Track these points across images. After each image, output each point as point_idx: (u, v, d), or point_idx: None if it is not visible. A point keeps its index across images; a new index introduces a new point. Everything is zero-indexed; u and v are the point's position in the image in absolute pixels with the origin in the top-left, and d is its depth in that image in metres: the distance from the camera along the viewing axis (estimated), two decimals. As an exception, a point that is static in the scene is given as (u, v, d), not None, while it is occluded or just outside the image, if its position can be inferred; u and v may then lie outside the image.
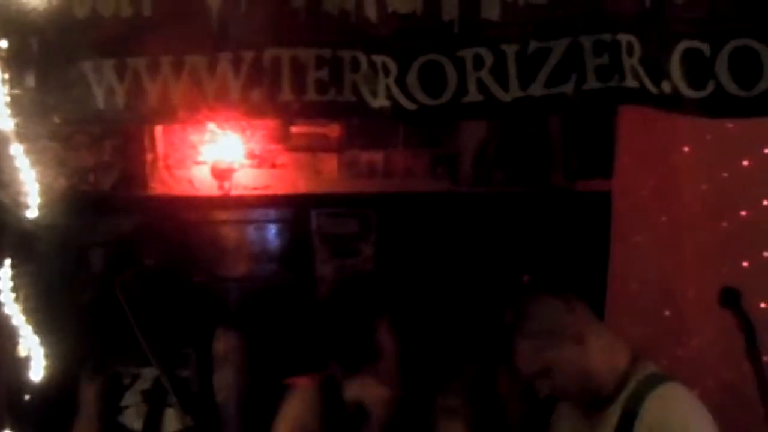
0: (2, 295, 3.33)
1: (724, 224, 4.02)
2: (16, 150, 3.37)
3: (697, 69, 2.75)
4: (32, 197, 3.41)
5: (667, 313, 4.20)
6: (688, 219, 4.15)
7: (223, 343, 3.81)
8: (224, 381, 3.80)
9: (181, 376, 3.73)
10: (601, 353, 2.98)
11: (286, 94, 3.22)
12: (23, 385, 3.38)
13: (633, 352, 3.03)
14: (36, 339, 3.40)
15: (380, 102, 3.15)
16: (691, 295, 4.10)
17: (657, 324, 4.16)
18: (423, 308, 3.57)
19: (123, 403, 3.76)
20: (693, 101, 2.80)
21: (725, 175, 4.04)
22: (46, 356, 3.43)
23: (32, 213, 3.40)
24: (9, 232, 3.35)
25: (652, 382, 2.93)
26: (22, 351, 3.37)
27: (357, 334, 3.28)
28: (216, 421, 3.74)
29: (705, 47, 2.72)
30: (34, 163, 3.43)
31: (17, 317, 3.37)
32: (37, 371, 3.40)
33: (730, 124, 3.88)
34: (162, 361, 3.60)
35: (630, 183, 4.43)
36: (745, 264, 3.89)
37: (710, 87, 2.74)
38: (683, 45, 2.75)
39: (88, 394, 3.80)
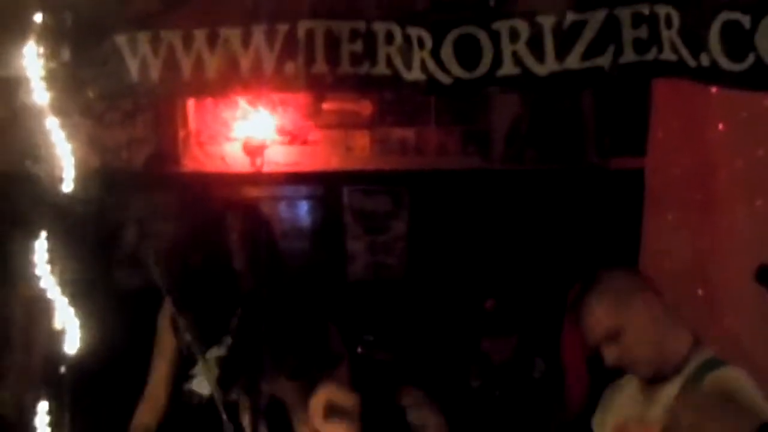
0: (38, 268, 3.34)
1: (759, 202, 3.97)
2: (52, 124, 3.37)
3: (737, 41, 2.72)
4: (67, 171, 3.41)
5: (700, 292, 4.16)
6: (722, 197, 4.11)
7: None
8: None
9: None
10: (671, 327, 2.96)
11: (320, 67, 3.21)
12: (59, 357, 3.38)
13: (694, 336, 3.01)
14: (71, 312, 3.40)
15: (414, 75, 3.13)
16: (724, 274, 4.06)
17: (690, 303, 4.12)
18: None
19: (193, 371, 3.78)
20: (732, 74, 2.77)
21: (760, 152, 3.99)
22: (82, 329, 3.44)
23: (67, 187, 3.40)
24: (44, 205, 3.35)
25: (712, 365, 2.91)
26: (57, 324, 3.38)
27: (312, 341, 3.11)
28: None
29: (745, 19, 2.69)
30: (68, 139, 3.44)
31: (53, 290, 3.37)
32: (72, 344, 3.41)
33: (766, 101, 3.83)
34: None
35: (663, 160, 4.39)
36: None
37: (750, 59, 2.71)
38: (723, 17, 2.72)
39: (166, 355, 3.82)
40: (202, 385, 3.74)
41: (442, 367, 4.90)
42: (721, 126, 4.11)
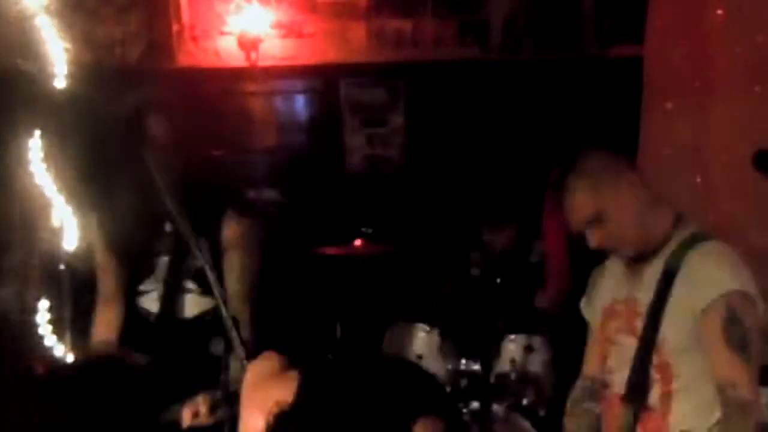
0: (34, 165, 3.33)
1: (757, 88, 3.96)
2: (43, 21, 3.34)
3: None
4: (60, 68, 3.38)
5: (698, 179, 4.17)
6: (720, 84, 4.10)
7: (232, 229, 3.71)
8: (232, 267, 3.71)
9: (196, 264, 3.66)
10: (650, 203, 2.97)
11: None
12: (57, 254, 3.40)
13: (676, 212, 3.03)
14: (69, 209, 3.41)
15: None
16: (722, 160, 4.07)
17: (688, 190, 4.14)
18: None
19: (143, 287, 3.74)
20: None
21: (759, 38, 3.96)
22: (80, 227, 3.44)
23: (60, 84, 3.38)
24: (38, 102, 3.34)
25: (695, 239, 2.93)
26: (55, 221, 3.39)
27: None
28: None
29: None
30: (60, 36, 3.40)
31: (50, 187, 3.37)
32: (70, 241, 3.42)
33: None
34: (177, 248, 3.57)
35: (662, 48, 4.35)
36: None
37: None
38: None
39: (109, 271, 3.77)
40: (152, 304, 3.72)
41: (442, 258, 4.93)
42: (720, 11, 4.07)
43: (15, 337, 3.46)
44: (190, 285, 3.54)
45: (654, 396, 2.93)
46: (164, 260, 3.61)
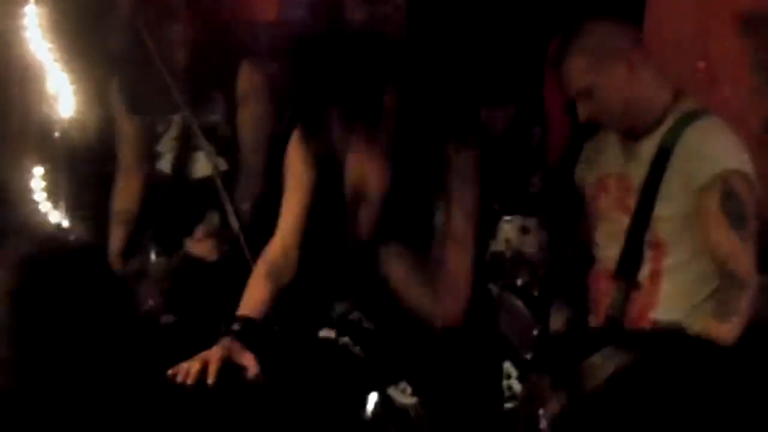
0: (29, 32, 3.31)
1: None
2: None
3: None
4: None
5: (701, 64, 4.13)
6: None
7: (248, 81, 3.67)
8: (247, 118, 3.68)
9: (209, 120, 3.65)
10: (647, 82, 2.94)
11: None
12: (53, 121, 3.39)
13: (676, 89, 3.00)
14: (64, 76, 3.39)
15: None
16: (726, 47, 4.03)
17: (691, 75, 4.11)
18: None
19: (158, 148, 3.73)
20: None
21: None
22: (75, 93, 3.43)
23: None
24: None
25: (691, 116, 2.91)
26: (50, 88, 3.37)
27: (366, 87, 2.87)
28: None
29: None
30: None
31: (45, 55, 3.35)
32: (66, 108, 3.41)
33: None
34: (189, 104, 3.55)
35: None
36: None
37: None
38: None
39: (128, 139, 3.75)
40: (164, 164, 3.71)
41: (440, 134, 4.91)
42: None
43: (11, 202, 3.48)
44: (203, 142, 3.58)
45: (644, 273, 2.95)
46: (177, 118, 3.61)
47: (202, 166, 3.65)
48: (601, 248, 3.08)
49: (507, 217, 4.46)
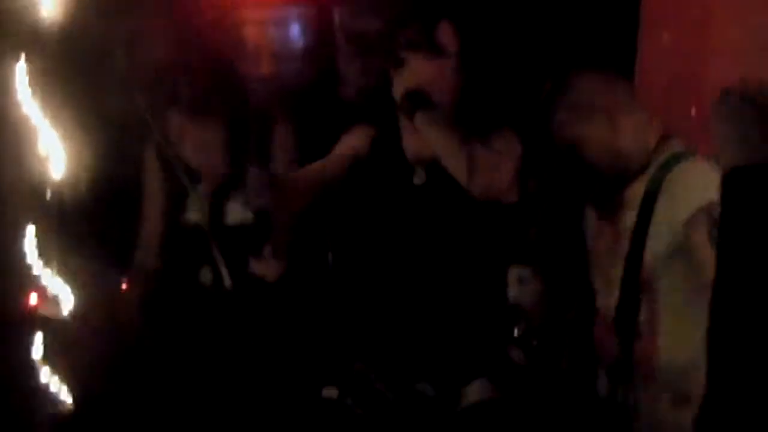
0: (20, 92, 3.31)
1: (754, 19, 3.91)
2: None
3: None
4: (47, -5, 3.35)
5: (693, 111, 4.14)
6: (719, 14, 4.05)
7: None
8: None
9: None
10: (633, 132, 2.96)
11: None
12: (45, 182, 3.39)
13: (662, 134, 3.01)
14: (56, 136, 3.39)
15: None
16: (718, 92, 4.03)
17: (683, 122, 4.11)
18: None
19: (188, 202, 3.80)
20: None
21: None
22: (67, 154, 3.43)
23: (46, 9, 3.35)
24: (21, 28, 3.31)
25: (676, 158, 2.93)
26: (42, 149, 3.37)
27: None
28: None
29: None
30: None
31: (36, 115, 3.35)
32: (58, 169, 3.41)
33: None
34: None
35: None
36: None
37: None
38: None
39: (154, 191, 3.82)
40: (193, 213, 3.77)
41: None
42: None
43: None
44: (237, 192, 3.78)
45: (642, 319, 2.95)
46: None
47: (235, 214, 3.76)
48: (600, 296, 3.09)
49: (503, 268, 4.44)
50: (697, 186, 2.86)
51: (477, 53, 3.31)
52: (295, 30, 5.64)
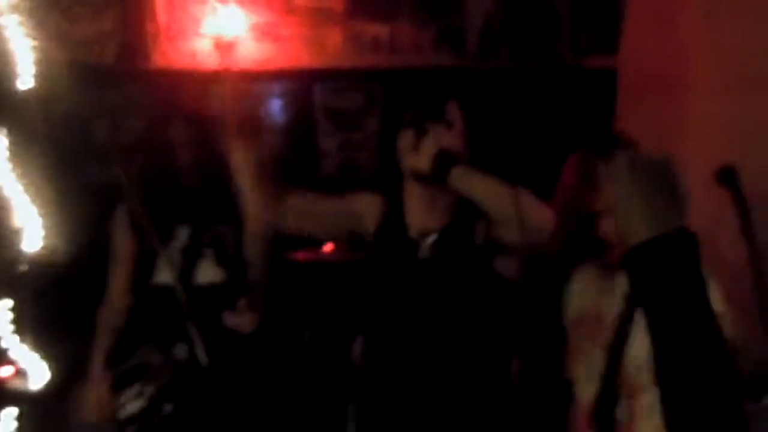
0: (-1, 164, 3.32)
1: (731, 95, 3.95)
2: (8, 20, 3.32)
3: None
4: (25, 68, 3.36)
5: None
6: (694, 91, 4.10)
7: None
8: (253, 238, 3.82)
9: (219, 232, 3.81)
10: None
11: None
12: (19, 256, 3.38)
13: None
14: (32, 210, 3.39)
15: None
16: (691, 171, 4.06)
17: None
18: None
19: (158, 264, 3.80)
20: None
21: (734, 45, 3.96)
22: (44, 228, 3.43)
23: (25, 84, 3.36)
24: (1, 102, 3.32)
25: None
26: (17, 222, 3.37)
27: None
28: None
29: None
30: (32, 35, 3.39)
31: (13, 187, 3.35)
32: (32, 243, 3.40)
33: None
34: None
35: (636, 57, 4.37)
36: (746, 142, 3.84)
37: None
38: None
39: (125, 260, 3.84)
40: (164, 275, 3.77)
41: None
42: (694, 18, 4.08)
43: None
44: (208, 251, 3.75)
45: (622, 409, 2.92)
46: (183, 229, 3.77)
47: (206, 273, 3.77)
48: (580, 383, 3.07)
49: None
50: None
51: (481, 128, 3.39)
52: (276, 105, 5.69)
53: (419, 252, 3.15)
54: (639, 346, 2.87)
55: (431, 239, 3.15)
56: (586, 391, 2.99)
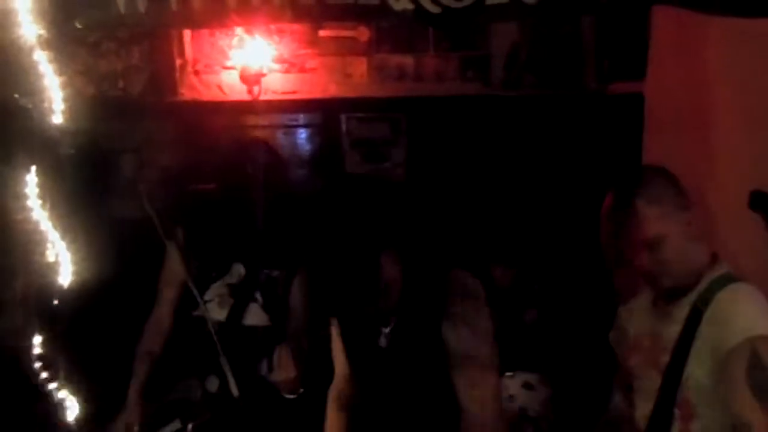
0: (30, 200, 3.34)
1: (758, 127, 3.94)
2: (40, 56, 3.36)
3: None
4: (56, 103, 3.40)
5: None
6: (721, 122, 4.08)
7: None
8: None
9: (272, 275, 3.83)
10: (698, 240, 2.94)
11: (307, -3, 3.18)
12: (51, 289, 3.41)
13: (713, 252, 3.00)
14: (64, 244, 3.42)
15: (402, 4, 3.11)
16: (722, 198, 4.05)
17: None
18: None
19: (207, 296, 3.81)
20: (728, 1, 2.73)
21: (761, 77, 3.94)
22: (74, 261, 3.46)
23: (57, 119, 3.40)
24: (34, 138, 3.35)
25: (725, 279, 2.90)
26: (50, 256, 3.39)
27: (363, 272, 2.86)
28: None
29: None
30: (62, 70, 3.42)
31: (45, 222, 3.38)
32: (65, 276, 3.43)
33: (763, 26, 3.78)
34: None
35: (662, 84, 4.35)
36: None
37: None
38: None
39: (176, 284, 3.86)
40: (214, 311, 3.79)
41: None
42: (721, 50, 4.06)
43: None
44: (258, 295, 3.80)
45: (675, 430, 2.91)
46: (238, 267, 3.81)
47: (252, 316, 3.82)
48: (635, 407, 3.06)
49: (509, 373, 4.43)
50: (743, 314, 2.82)
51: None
52: (302, 136, 5.72)
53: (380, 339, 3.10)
54: (697, 370, 2.87)
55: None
56: (641, 412, 2.99)
